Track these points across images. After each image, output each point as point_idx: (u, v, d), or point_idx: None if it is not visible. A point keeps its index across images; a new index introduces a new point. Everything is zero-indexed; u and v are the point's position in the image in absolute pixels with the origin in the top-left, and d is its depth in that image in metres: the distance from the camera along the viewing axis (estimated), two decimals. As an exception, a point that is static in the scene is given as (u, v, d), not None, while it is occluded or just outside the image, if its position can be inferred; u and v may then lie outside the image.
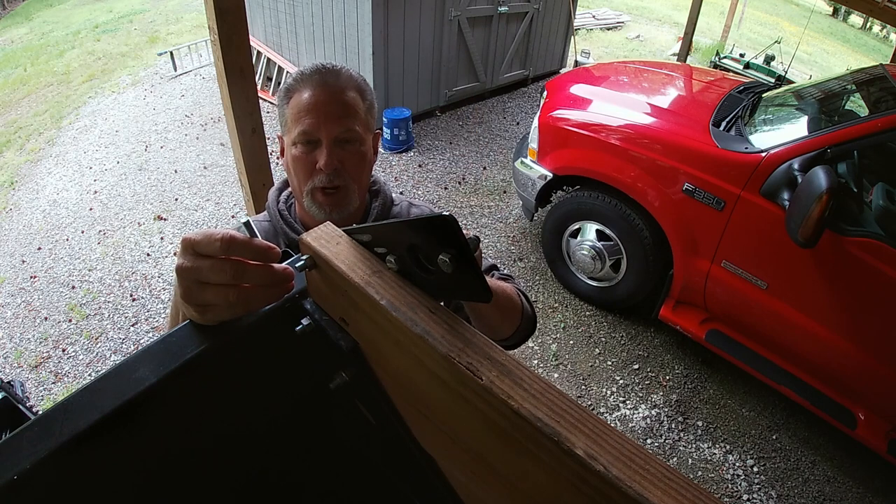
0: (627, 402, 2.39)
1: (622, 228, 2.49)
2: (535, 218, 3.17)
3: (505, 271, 0.92)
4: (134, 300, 2.83)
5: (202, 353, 0.39)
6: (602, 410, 2.35)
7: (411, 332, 0.34)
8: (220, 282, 0.40)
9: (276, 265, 0.42)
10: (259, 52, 5.20)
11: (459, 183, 4.02)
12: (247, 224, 0.44)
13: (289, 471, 0.58)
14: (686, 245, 2.27)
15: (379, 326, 0.37)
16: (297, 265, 0.41)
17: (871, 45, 17.35)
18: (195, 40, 6.63)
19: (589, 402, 2.38)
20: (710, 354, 2.56)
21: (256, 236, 0.42)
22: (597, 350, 2.64)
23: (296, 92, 0.78)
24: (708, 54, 8.25)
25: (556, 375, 2.49)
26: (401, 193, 2.65)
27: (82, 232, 3.42)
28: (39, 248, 3.30)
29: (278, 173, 2.79)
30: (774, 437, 2.30)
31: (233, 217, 3.55)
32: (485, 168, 4.26)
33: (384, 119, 4.24)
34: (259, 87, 4.93)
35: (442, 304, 0.37)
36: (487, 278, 0.84)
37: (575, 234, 2.73)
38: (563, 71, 6.33)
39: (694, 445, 2.24)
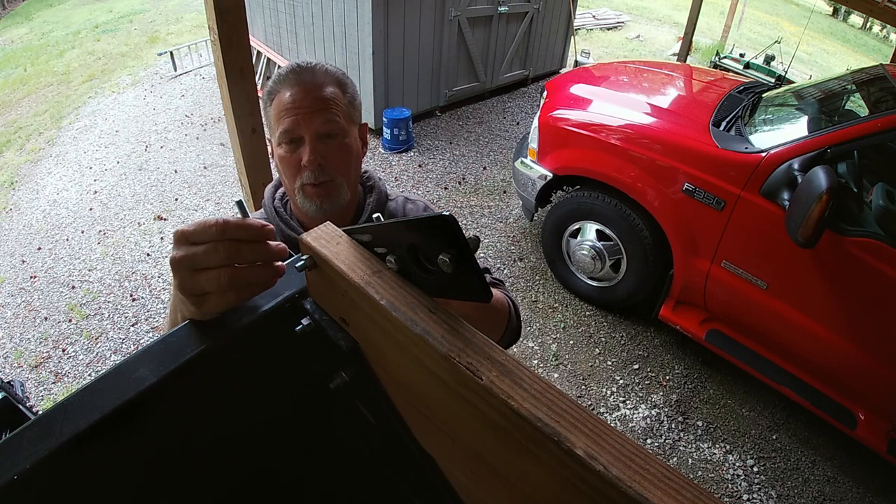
0: (627, 402, 2.39)
1: (622, 228, 2.49)
2: (535, 218, 3.17)
3: (496, 275, 0.91)
4: (134, 300, 2.83)
5: (202, 353, 0.39)
6: (602, 410, 2.35)
7: (411, 332, 0.34)
8: (216, 264, 0.40)
9: (270, 242, 0.42)
10: (259, 52, 5.20)
11: (459, 183, 4.02)
12: (239, 203, 0.44)
13: (289, 471, 0.58)
14: (686, 245, 2.27)
15: (379, 326, 0.37)
16: (297, 265, 0.41)
17: (871, 45, 17.34)
18: (195, 40, 6.63)
19: (589, 402, 2.38)
20: (710, 354, 2.56)
21: (248, 216, 0.43)
22: (597, 350, 2.64)
23: (276, 94, 0.80)
24: (708, 54, 8.25)
25: (556, 375, 2.49)
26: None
27: (82, 232, 3.42)
28: (39, 248, 3.30)
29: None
30: (774, 437, 2.30)
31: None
32: (485, 168, 4.26)
33: (384, 119, 4.24)
34: (259, 87, 4.93)
35: None
36: None
37: (575, 234, 2.73)
38: (563, 71, 6.33)
39: (694, 445, 2.24)
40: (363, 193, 0.93)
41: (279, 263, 0.43)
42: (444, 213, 0.30)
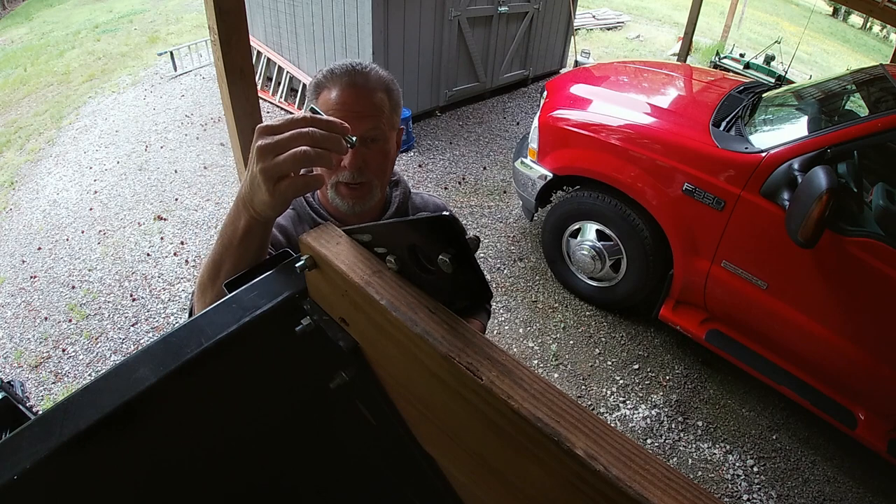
0: (627, 402, 2.39)
1: (622, 228, 2.49)
2: (535, 218, 3.16)
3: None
4: (134, 300, 2.83)
5: (202, 353, 0.39)
6: (602, 410, 2.35)
7: (411, 332, 0.34)
8: (297, 146, 0.48)
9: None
10: (259, 52, 5.20)
11: (459, 183, 4.02)
12: (312, 109, 0.53)
13: (289, 471, 0.58)
14: (686, 245, 2.27)
15: (379, 326, 0.37)
16: (297, 265, 0.41)
17: (871, 45, 17.34)
18: (195, 40, 6.63)
19: (589, 402, 2.38)
20: (710, 354, 2.56)
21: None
22: (597, 350, 2.64)
23: (325, 89, 0.80)
24: (708, 54, 8.25)
25: (556, 375, 2.49)
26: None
27: (82, 232, 3.42)
28: (39, 248, 3.30)
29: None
30: (774, 437, 2.30)
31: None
32: (485, 168, 4.26)
33: (384, 119, 4.23)
34: (259, 87, 4.93)
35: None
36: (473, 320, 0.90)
37: (575, 234, 2.73)
38: (563, 71, 6.33)
39: (694, 445, 2.23)
40: (389, 188, 0.98)
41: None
42: (445, 212, 0.30)
